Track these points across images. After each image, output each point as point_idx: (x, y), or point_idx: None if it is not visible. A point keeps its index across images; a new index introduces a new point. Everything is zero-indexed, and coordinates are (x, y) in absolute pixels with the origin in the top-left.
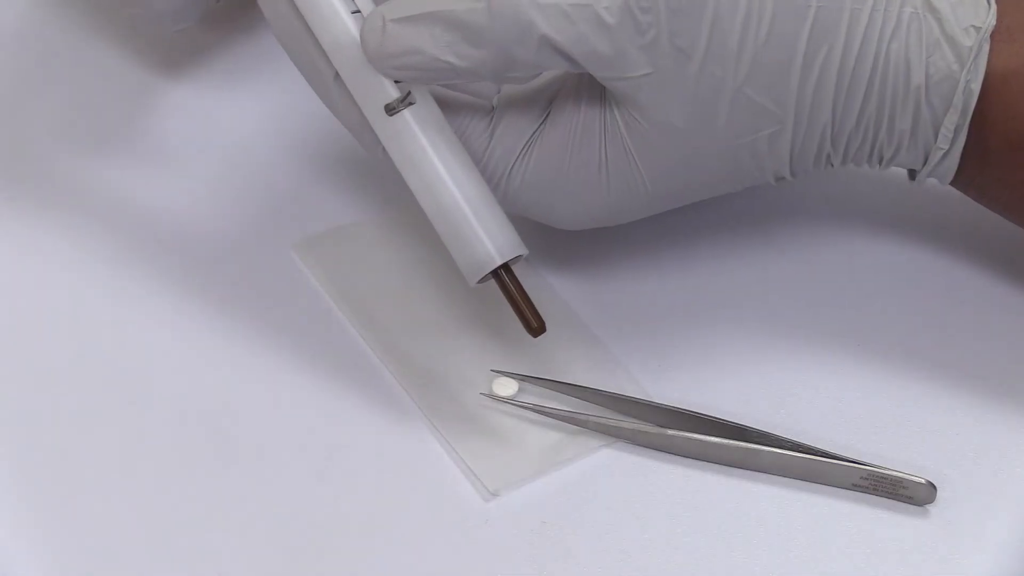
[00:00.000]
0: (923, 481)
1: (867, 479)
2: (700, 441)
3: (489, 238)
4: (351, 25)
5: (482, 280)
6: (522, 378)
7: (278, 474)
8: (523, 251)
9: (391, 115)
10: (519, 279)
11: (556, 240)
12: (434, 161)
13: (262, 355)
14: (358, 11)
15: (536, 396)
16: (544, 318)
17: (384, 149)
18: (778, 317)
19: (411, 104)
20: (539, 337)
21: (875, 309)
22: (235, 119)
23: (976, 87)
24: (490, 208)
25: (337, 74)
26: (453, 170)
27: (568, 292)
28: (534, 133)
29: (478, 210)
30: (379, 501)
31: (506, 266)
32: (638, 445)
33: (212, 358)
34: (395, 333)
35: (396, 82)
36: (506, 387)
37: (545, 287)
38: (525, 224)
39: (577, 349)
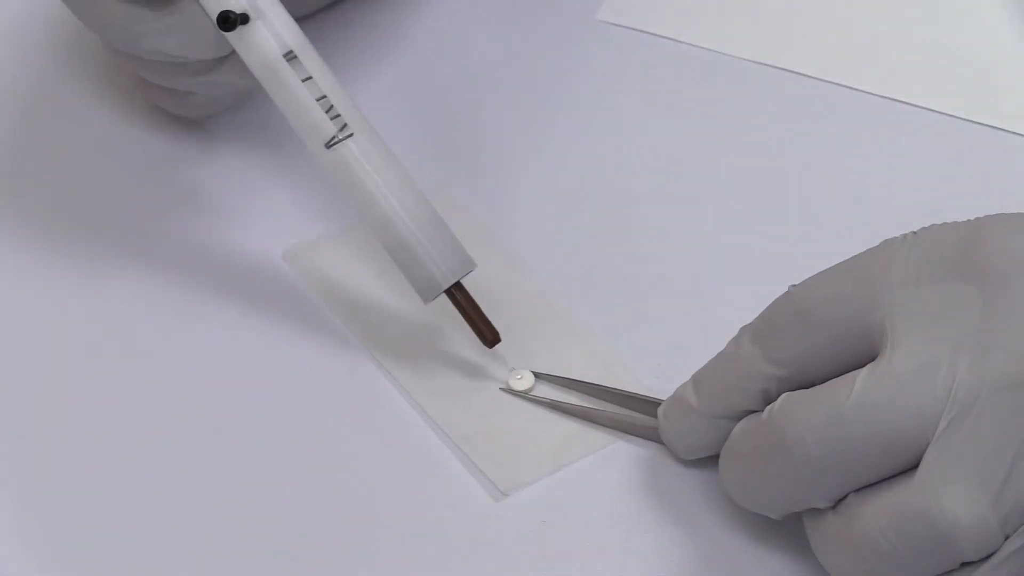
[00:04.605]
0: None
1: None
2: None
3: (438, 260)
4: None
5: (436, 297)
6: (536, 375)
7: (279, 477)
8: (471, 267)
9: (329, 148)
10: (470, 293)
11: (558, 243)
12: (376, 189)
13: (262, 359)
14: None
15: (547, 395)
16: (544, 318)
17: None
18: None
19: (350, 136)
20: (540, 338)
21: None
22: (223, 128)
23: None
24: (436, 229)
25: None
26: (397, 196)
27: (571, 293)
28: None
29: (426, 233)
30: (380, 502)
31: (456, 283)
32: (650, 441)
33: (211, 365)
34: (391, 336)
35: (332, 117)
36: (522, 381)
37: (548, 287)
38: (527, 226)
39: (580, 349)
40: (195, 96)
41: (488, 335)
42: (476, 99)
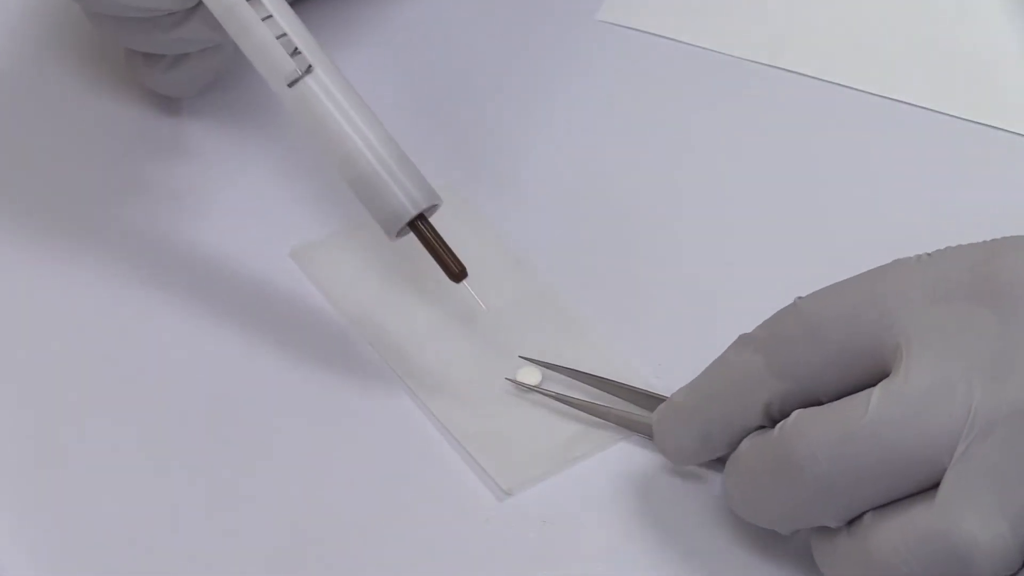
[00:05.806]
0: None
1: None
2: None
3: (402, 191)
4: (250, 11)
5: (401, 233)
6: (546, 366)
7: (280, 475)
8: (437, 200)
9: (291, 87)
10: (436, 228)
11: (558, 243)
12: (338, 124)
13: (265, 357)
14: None
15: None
16: (551, 317)
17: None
18: None
19: (310, 73)
20: (546, 336)
21: None
22: (232, 126)
23: None
24: (400, 162)
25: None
26: (359, 129)
27: (571, 292)
28: None
29: (388, 165)
30: (381, 501)
31: (422, 216)
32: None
33: (214, 364)
34: (396, 334)
35: (293, 56)
36: (531, 375)
37: (553, 287)
38: (527, 226)
39: (587, 348)
40: (175, 72)
41: (455, 268)
42: (476, 99)
